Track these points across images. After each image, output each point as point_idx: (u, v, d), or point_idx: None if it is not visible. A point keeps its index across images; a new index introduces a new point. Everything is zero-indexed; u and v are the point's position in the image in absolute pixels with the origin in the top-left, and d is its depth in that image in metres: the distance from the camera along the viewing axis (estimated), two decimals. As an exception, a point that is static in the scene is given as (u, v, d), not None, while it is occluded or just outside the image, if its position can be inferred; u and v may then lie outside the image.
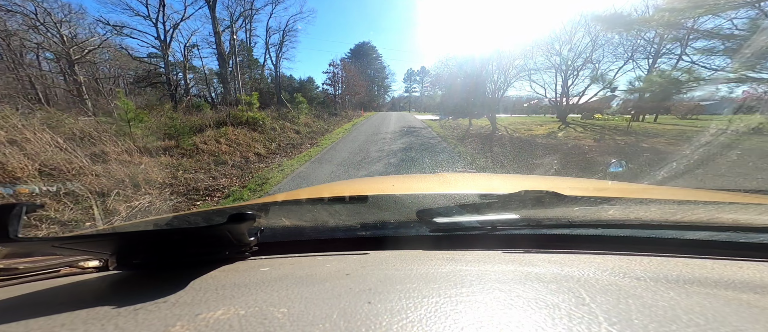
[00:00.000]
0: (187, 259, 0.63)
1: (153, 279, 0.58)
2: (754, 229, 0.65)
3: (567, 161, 6.81)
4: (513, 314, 0.40)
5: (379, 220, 0.85)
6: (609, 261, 0.59)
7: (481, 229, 0.76)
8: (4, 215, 0.42)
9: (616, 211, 0.80)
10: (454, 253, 0.66)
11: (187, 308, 0.44)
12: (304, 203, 1.05)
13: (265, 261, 0.69)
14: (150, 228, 0.92)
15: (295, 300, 0.45)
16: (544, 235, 0.75)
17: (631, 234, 0.71)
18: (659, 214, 0.74)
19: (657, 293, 0.45)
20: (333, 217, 0.91)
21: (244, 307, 0.43)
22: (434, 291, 0.46)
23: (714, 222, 0.69)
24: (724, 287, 0.47)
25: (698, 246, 0.65)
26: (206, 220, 1.01)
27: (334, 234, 0.81)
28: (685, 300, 0.43)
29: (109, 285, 0.58)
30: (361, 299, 0.45)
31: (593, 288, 0.46)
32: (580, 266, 0.56)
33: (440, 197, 1.02)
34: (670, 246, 0.67)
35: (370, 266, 0.61)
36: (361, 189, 1.24)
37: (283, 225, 0.86)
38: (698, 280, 0.49)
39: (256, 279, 0.55)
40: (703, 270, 0.53)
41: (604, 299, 0.43)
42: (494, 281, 0.49)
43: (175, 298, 0.47)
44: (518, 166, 6.59)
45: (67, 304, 0.46)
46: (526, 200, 0.85)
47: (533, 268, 0.55)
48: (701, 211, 0.74)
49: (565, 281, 0.49)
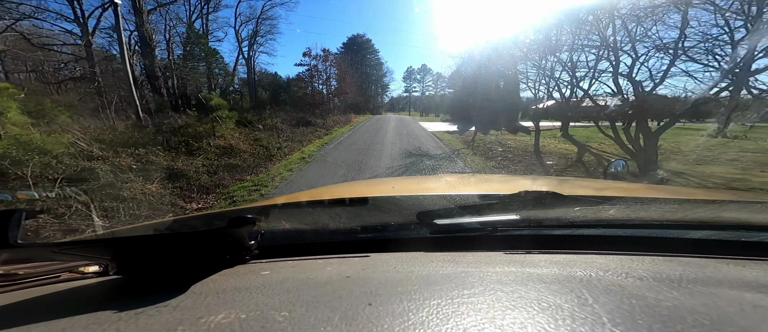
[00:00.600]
0: (187, 263, 0.63)
1: (154, 283, 0.58)
2: (757, 228, 0.65)
3: None
4: (515, 315, 0.39)
5: (379, 223, 0.85)
6: (611, 261, 0.58)
7: (482, 230, 0.76)
8: (3, 221, 0.42)
9: (616, 211, 0.79)
10: (456, 255, 0.66)
11: (188, 312, 0.44)
12: (304, 206, 1.05)
13: (265, 264, 0.69)
14: (150, 232, 0.93)
15: (297, 304, 0.45)
16: (545, 236, 0.75)
17: (633, 234, 0.71)
18: (660, 214, 0.74)
19: (660, 293, 0.44)
20: (333, 220, 0.91)
21: (245, 311, 0.43)
22: (436, 293, 0.46)
23: (716, 221, 0.69)
24: (727, 286, 0.46)
25: (700, 245, 0.65)
26: (206, 224, 1.00)
27: (334, 237, 0.81)
28: (689, 300, 0.42)
29: (109, 290, 0.58)
30: (363, 301, 0.45)
31: (596, 288, 0.46)
32: (582, 266, 0.55)
33: (441, 198, 1.02)
34: (671, 245, 0.67)
35: (371, 268, 0.61)
36: (361, 192, 1.24)
37: (284, 228, 0.86)
38: (701, 280, 0.49)
39: (257, 282, 0.55)
40: (705, 270, 0.52)
41: (608, 299, 0.42)
42: (496, 282, 0.49)
43: (176, 302, 0.47)
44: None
45: (68, 309, 0.46)
46: (526, 201, 0.85)
47: (535, 269, 0.55)
48: (702, 210, 0.74)
49: (567, 282, 0.48)
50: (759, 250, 0.61)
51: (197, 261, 0.64)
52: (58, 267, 0.67)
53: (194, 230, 0.89)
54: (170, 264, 0.62)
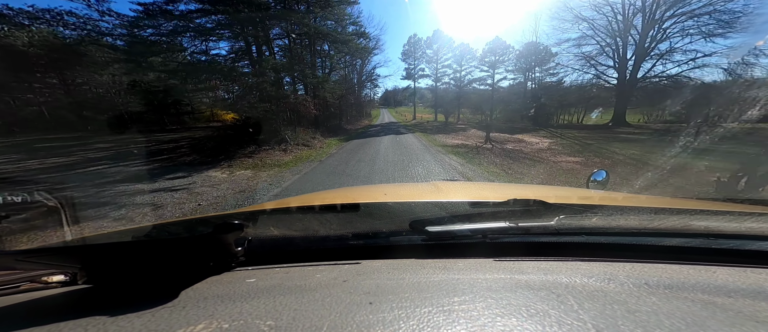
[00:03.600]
0: (167, 272, 0.61)
1: (128, 293, 0.55)
2: (724, 236, 0.69)
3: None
4: (505, 322, 0.40)
5: (371, 229, 0.85)
6: (594, 267, 0.60)
7: (473, 238, 0.77)
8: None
9: (599, 219, 0.82)
10: (447, 262, 0.67)
11: (164, 323, 0.42)
12: (294, 212, 1.04)
13: (252, 271, 0.67)
14: (126, 239, 0.89)
15: (283, 312, 0.44)
16: (532, 243, 0.77)
17: (614, 241, 0.74)
18: (638, 222, 0.77)
19: (640, 298, 0.46)
20: (324, 226, 0.89)
21: (227, 320, 0.42)
22: (427, 301, 0.46)
23: (687, 229, 0.73)
24: (700, 291, 0.49)
25: (675, 252, 0.68)
26: (189, 230, 0.97)
27: (324, 244, 0.80)
28: (666, 304, 0.45)
29: (76, 301, 0.55)
30: (353, 309, 0.44)
31: (581, 294, 0.48)
32: (567, 273, 0.57)
33: (432, 206, 1.02)
34: (649, 252, 0.70)
35: (362, 275, 0.60)
36: (352, 198, 1.23)
37: (272, 234, 0.85)
38: (677, 285, 0.51)
39: (243, 290, 0.53)
40: (680, 275, 0.55)
41: (592, 305, 0.44)
42: (486, 289, 0.50)
43: (151, 313, 0.45)
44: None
45: (27, 321, 0.43)
46: (514, 209, 0.87)
47: (523, 276, 0.56)
48: (675, 219, 0.78)
49: (554, 288, 0.50)
50: (727, 256, 0.65)
51: (178, 269, 0.61)
52: (18, 276, 0.63)
53: (175, 236, 0.87)
54: (148, 272, 0.59)
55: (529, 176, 6.68)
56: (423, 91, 44.17)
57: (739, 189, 3.61)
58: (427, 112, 43.98)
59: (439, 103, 35.62)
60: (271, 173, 7.30)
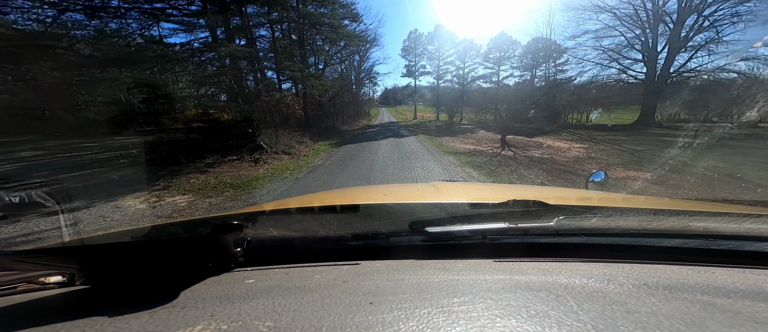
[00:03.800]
0: (165, 272, 0.60)
1: (126, 294, 0.55)
2: (723, 237, 0.69)
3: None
4: (505, 323, 0.40)
5: (370, 230, 0.85)
6: (594, 268, 0.60)
7: (472, 239, 0.77)
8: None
9: (598, 220, 0.83)
10: (446, 262, 0.67)
11: (162, 324, 0.42)
12: (293, 213, 1.05)
13: (251, 272, 0.67)
14: (125, 239, 0.88)
15: (282, 313, 0.44)
16: (532, 243, 0.77)
17: (613, 242, 0.74)
18: (637, 223, 0.77)
19: (639, 299, 0.46)
20: (323, 227, 0.90)
21: (226, 321, 0.42)
22: (426, 302, 0.47)
23: (686, 230, 0.73)
24: (699, 292, 0.49)
25: (674, 253, 0.68)
26: (188, 231, 0.98)
27: (324, 245, 0.81)
28: (666, 305, 0.44)
29: (74, 302, 0.55)
30: (352, 310, 0.45)
31: (580, 295, 0.48)
32: (567, 274, 0.57)
33: (432, 206, 1.03)
34: (648, 253, 0.70)
35: (361, 276, 0.60)
36: (352, 199, 1.24)
37: (271, 235, 0.85)
38: (676, 286, 0.51)
39: (242, 291, 0.54)
40: (679, 276, 0.55)
41: (591, 306, 0.44)
42: (485, 290, 0.50)
43: (149, 314, 0.45)
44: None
45: (24, 322, 0.44)
46: (514, 209, 0.87)
47: (523, 277, 0.56)
48: (674, 220, 0.77)
49: (553, 289, 0.50)
50: (726, 257, 0.65)
51: (176, 270, 0.61)
52: (16, 277, 0.64)
53: (174, 237, 0.87)
54: (146, 273, 0.59)
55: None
56: (424, 90, 41.22)
57: None
58: (428, 111, 41.25)
59: (440, 102, 32.49)
60: (218, 201, 4.90)
